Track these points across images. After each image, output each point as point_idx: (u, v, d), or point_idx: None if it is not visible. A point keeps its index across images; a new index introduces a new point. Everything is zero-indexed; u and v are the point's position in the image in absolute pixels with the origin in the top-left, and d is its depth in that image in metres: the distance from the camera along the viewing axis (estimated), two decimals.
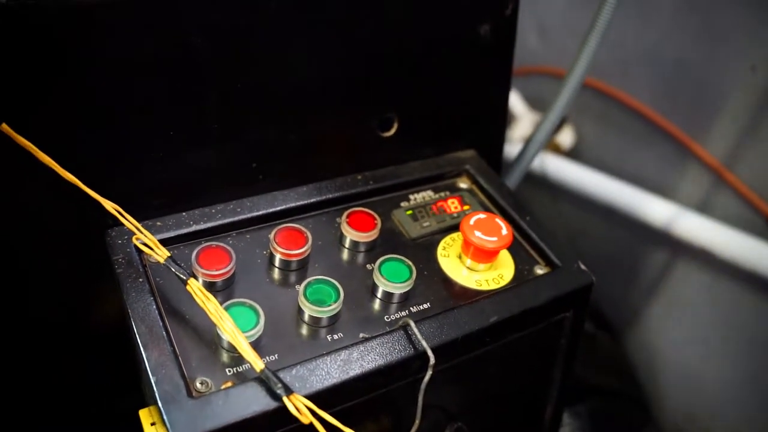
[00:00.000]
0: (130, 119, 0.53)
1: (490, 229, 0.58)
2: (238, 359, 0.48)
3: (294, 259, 0.55)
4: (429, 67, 0.66)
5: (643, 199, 1.35)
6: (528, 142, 0.84)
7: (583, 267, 0.62)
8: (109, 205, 0.50)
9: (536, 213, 0.67)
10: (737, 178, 1.24)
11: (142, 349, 0.47)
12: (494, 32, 0.67)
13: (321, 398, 0.46)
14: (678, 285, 1.40)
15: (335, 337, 0.52)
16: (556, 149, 1.57)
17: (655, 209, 1.32)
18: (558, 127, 1.47)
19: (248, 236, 0.58)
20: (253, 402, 0.44)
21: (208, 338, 0.50)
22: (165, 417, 0.43)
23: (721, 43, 1.22)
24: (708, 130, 1.29)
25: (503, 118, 0.76)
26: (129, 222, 0.51)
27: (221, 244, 0.54)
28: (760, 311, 1.24)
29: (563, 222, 1.54)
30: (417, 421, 0.50)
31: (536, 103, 1.56)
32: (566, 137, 1.56)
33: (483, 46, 0.67)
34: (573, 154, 1.56)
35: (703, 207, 1.31)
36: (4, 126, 0.47)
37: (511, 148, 1.31)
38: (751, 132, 1.21)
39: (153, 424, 0.53)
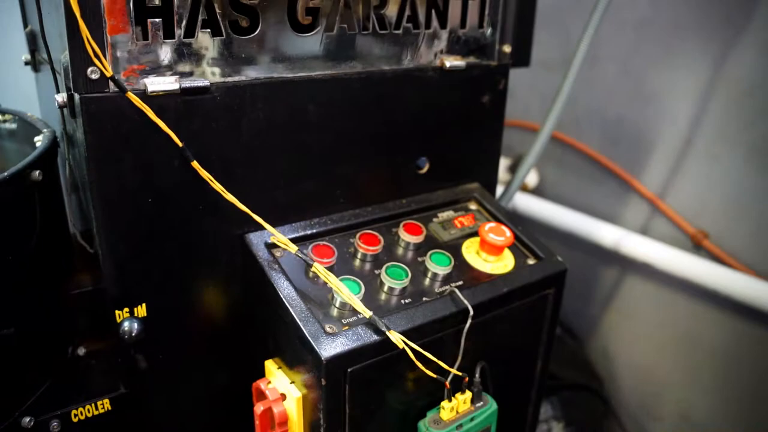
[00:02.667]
0: (266, 161, 0.79)
1: (499, 233, 0.86)
2: (347, 314, 0.74)
3: (371, 253, 0.82)
4: (449, 127, 0.95)
5: (595, 225, 1.66)
6: (511, 181, 1.14)
7: (559, 259, 0.90)
8: (257, 218, 0.77)
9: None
10: (668, 206, 1.57)
11: (290, 308, 0.72)
12: (492, 101, 0.97)
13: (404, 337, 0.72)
14: (626, 295, 1.71)
15: (405, 301, 0.78)
16: (523, 187, 1.88)
17: (605, 233, 1.63)
18: None
19: (336, 239, 0.85)
20: (368, 336, 0.71)
21: (324, 302, 0.76)
22: (315, 346, 0.69)
23: (651, 103, 1.57)
24: (644, 170, 1.62)
25: (497, 161, 1.05)
26: (270, 228, 0.77)
27: (327, 242, 0.81)
28: (693, 311, 1.55)
29: None
30: (459, 358, 0.77)
31: (504, 149, 1.87)
32: (531, 177, 1.88)
33: (484, 110, 0.97)
34: (537, 191, 1.88)
35: (643, 230, 1.63)
36: (194, 163, 0.74)
37: None
38: (676, 171, 1.55)
39: (279, 368, 0.79)
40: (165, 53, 0.70)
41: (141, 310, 0.77)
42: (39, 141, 0.84)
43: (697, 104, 1.48)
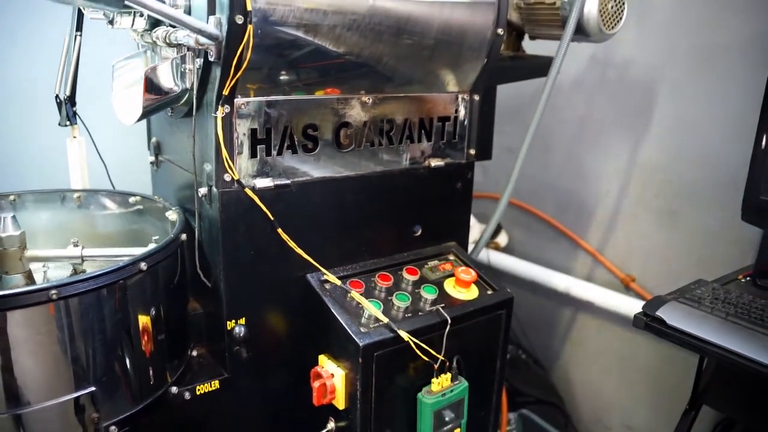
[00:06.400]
0: (320, 229, 1.27)
1: (468, 273, 1.33)
2: (372, 322, 1.20)
3: (385, 286, 1.29)
4: (435, 205, 1.43)
5: (553, 275, 2.13)
6: (479, 239, 1.62)
7: (508, 290, 1.37)
8: (317, 265, 1.23)
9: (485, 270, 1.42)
10: (605, 258, 2.04)
11: (339, 318, 1.18)
12: (463, 186, 1.47)
13: None
14: (579, 329, 2.16)
15: (408, 315, 1.24)
16: (497, 247, 2.35)
17: (559, 281, 2.10)
18: (497, 232, 2.27)
19: (363, 278, 1.31)
20: (386, 334, 1.17)
21: (358, 314, 1.21)
22: (356, 339, 1.14)
23: (589, 180, 2.07)
24: (587, 231, 2.10)
25: (468, 226, 1.53)
26: (324, 271, 1.24)
27: (357, 279, 1.27)
28: (628, 339, 2.00)
29: None
30: (443, 351, 1.23)
31: (481, 217, 2.36)
32: (502, 239, 2.36)
33: (458, 193, 1.46)
34: (507, 249, 2.36)
35: (588, 277, 2.10)
36: (279, 230, 1.21)
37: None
38: (609, 231, 2.03)
39: (329, 358, 1.24)
40: (265, 164, 1.18)
41: (242, 321, 1.23)
42: (170, 215, 1.31)
43: (621, 180, 1.98)
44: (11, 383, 0.97)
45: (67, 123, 1.46)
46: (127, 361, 1.08)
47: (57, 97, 1.41)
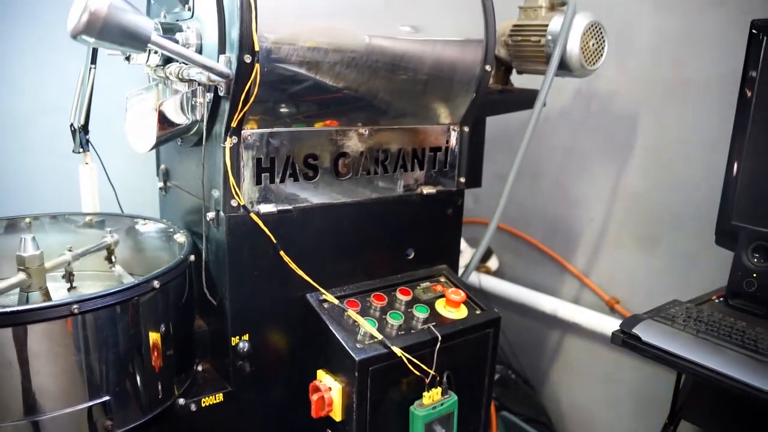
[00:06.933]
0: (319, 251, 1.35)
1: (457, 294, 1.42)
2: (367, 339, 1.28)
3: (380, 306, 1.37)
4: (427, 230, 1.52)
5: (541, 298, 2.21)
6: (469, 263, 1.70)
7: (496, 310, 1.45)
8: (317, 285, 1.32)
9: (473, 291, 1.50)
10: (591, 281, 2.13)
11: (337, 335, 1.26)
12: (453, 212, 1.56)
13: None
14: (566, 350, 2.24)
15: (401, 333, 1.32)
16: (488, 271, 2.44)
17: (547, 303, 2.18)
18: (488, 257, 2.36)
19: (359, 297, 1.39)
20: (380, 350, 1.25)
21: (354, 332, 1.29)
22: (352, 354, 1.22)
23: (575, 206, 2.16)
24: (573, 255, 2.19)
25: (458, 251, 1.62)
26: (323, 291, 1.32)
27: (354, 299, 1.36)
28: (612, 359, 2.08)
29: None
30: (434, 366, 1.31)
31: (473, 242, 2.45)
32: (493, 263, 2.44)
33: (449, 219, 1.55)
34: (497, 273, 2.44)
35: (575, 300, 2.18)
36: (281, 252, 1.29)
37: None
38: (595, 255, 2.12)
39: (327, 373, 1.31)
40: (269, 191, 1.27)
41: (245, 338, 1.31)
42: (178, 237, 1.39)
43: (605, 207, 2.08)
44: (30, 392, 1.05)
45: (80, 150, 1.55)
46: (139, 373, 1.16)
47: (71, 125, 1.50)
